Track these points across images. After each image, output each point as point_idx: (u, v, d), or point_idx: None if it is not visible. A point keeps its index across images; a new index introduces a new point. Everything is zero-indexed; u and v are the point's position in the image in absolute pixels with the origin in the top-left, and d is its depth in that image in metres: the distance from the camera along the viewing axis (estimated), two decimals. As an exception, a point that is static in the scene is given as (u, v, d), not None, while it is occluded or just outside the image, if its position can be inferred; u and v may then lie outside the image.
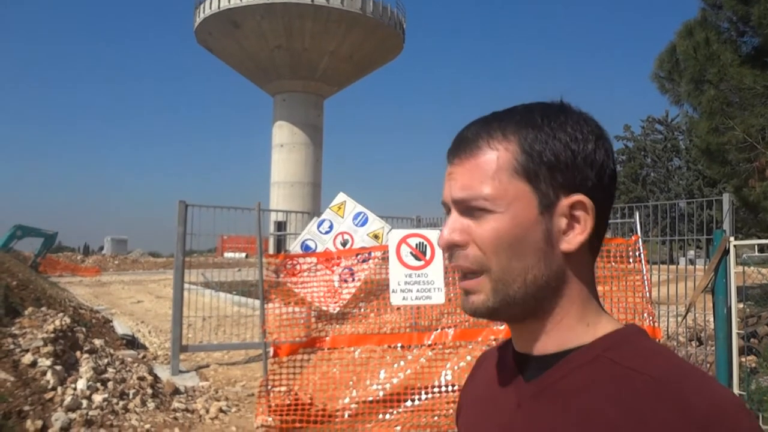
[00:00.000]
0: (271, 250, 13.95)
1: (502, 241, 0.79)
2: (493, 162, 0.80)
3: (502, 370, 0.92)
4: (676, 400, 0.71)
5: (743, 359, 6.90)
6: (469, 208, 0.81)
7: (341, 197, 5.96)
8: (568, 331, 0.82)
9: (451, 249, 0.82)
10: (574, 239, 0.80)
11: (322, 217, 5.89)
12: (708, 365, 6.83)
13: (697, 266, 10.04)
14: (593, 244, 0.83)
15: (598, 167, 0.81)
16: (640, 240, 5.57)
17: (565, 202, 0.80)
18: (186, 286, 8.55)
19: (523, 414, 0.83)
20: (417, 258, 5.26)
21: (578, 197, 0.80)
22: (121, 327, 10.95)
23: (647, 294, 5.27)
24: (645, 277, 5.29)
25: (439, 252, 5.30)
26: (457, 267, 0.82)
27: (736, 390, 6.01)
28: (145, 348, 9.89)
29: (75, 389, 5.16)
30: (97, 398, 5.18)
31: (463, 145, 0.83)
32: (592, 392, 0.77)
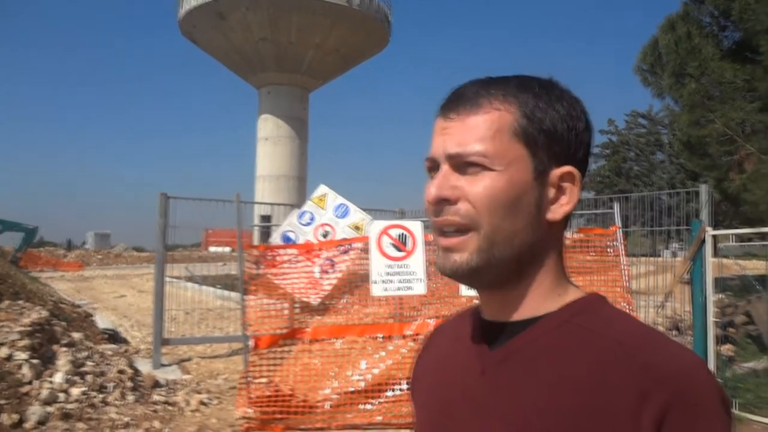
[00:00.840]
0: (256, 244, 13.87)
1: (497, 199, 0.78)
2: (495, 121, 0.80)
3: (463, 338, 0.92)
4: (638, 360, 0.73)
5: (721, 348, 7.00)
6: (464, 164, 0.80)
7: (322, 189, 5.94)
8: (541, 299, 0.83)
9: (439, 204, 0.80)
10: (560, 209, 0.82)
11: (303, 208, 5.87)
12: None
13: (679, 258, 10.14)
14: (568, 216, 0.85)
15: (584, 146, 0.84)
16: (619, 231, 5.60)
17: (556, 171, 0.82)
18: (170, 280, 8.50)
19: (487, 380, 0.83)
20: (398, 249, 5.26)
21: (569, 168, 0.82)
22: (103, 321, 10.85)
23: (626, 283, 5.31)
24: (623, 267, 5.32)
25: (420, 243, 5.30)
26: (444, 222, 0.80)
27: (713, 379, 6.10)
28: (127, 342, 9.81)
29: (52, 383, 5.11)
30: (75, 391, 5.13)
31: (463, 101, 0.82)
32: (558, 356, 0.78)
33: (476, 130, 0.79)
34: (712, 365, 6.15)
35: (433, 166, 0.83)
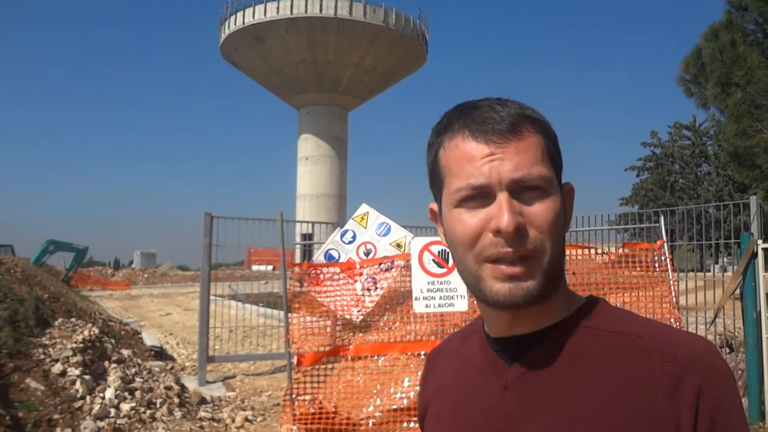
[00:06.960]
0: (298, 262, 14.00)
1: (556, 222, 0.81)
2: (538, 145, 0.82)
3: (471, 359, 0.93)
4: (662, 350, 0.79)
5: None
6: (523, 189, 0.79)
7: (364, 208, 5.98)
8: (556, 309, 0.86)
9: (517, 234, 0.77)
10: (568, 224, 0.87)
11: (345, 227, 5.92)
12: (740, 372, 6.66)
13: (729, 273, 9.82)
14: None
15: None
16: (665, 244, 5.48)
17: (565, 187, 0.87)
18: (214, 298, 8.64)
19: (512, 395, 0.84)
20: (439, 265, 5.25)
21: (570, 185, 0.88)
22: (150, 339, 11.09)
23: (674, 299, 5.18)
24: (671, 282, 5.20)
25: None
26: (518, 253, 0.78)
27: (769, 397, 5.87)
28: (173, 359, 10.01)
29: (103, 398, 5.25)
30: (125, 407, 5.25)
31: (497, 125, 0.81)
32: (583, 359, 0.82)
33: (528, 155, 0.79)
34: (767, 384, 5.93)
35: (478, 195, 0.80)
